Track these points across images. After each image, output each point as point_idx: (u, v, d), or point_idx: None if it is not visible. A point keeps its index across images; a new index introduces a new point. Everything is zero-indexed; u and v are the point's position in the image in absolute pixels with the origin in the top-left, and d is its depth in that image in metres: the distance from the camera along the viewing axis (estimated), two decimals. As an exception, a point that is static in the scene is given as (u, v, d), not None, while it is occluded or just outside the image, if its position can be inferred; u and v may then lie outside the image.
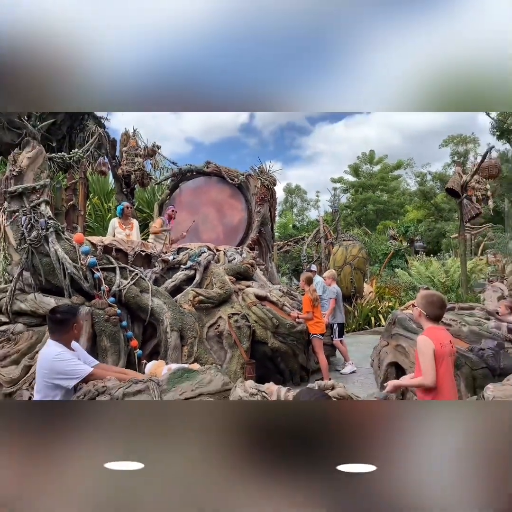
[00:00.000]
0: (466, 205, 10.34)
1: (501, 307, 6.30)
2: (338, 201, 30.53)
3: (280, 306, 6.85)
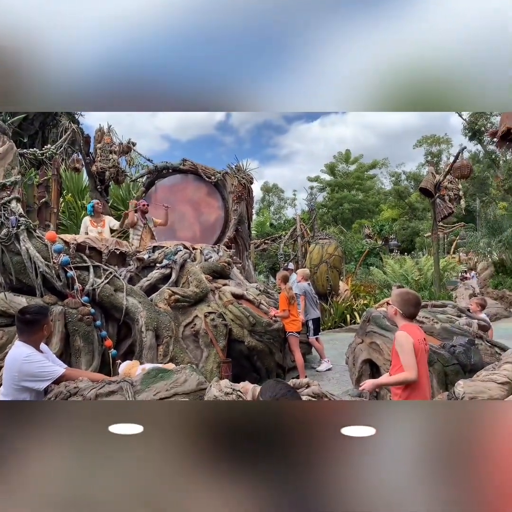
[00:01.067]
0: (439, 204, 10.56)
1: (472, 305, 6.46)
2: (315, 200, 30.73)
3: (256, 305, 6.84)
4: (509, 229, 19.84)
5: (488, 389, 2.71)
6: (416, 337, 3.05)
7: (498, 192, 23.71)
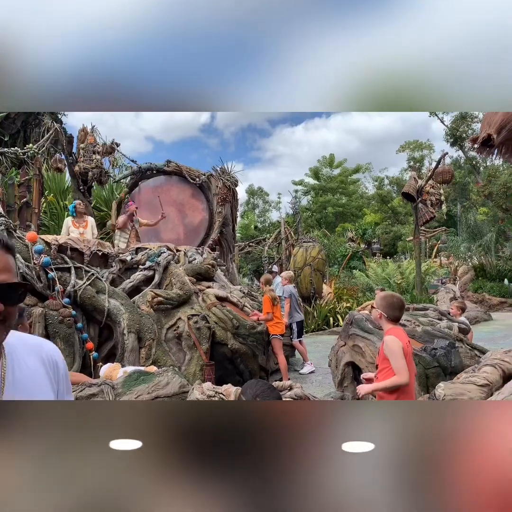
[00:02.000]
0: (421, 209, 10.71)
1: (453, 308, 6.55)
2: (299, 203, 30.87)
3: (240, 307, 6.83)
4: (489, 234, 20.24)
5: (468, 391, 2.75)
6: (404, 341, 3.08)
7: (478, 197, 24.15)
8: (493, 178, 20.81)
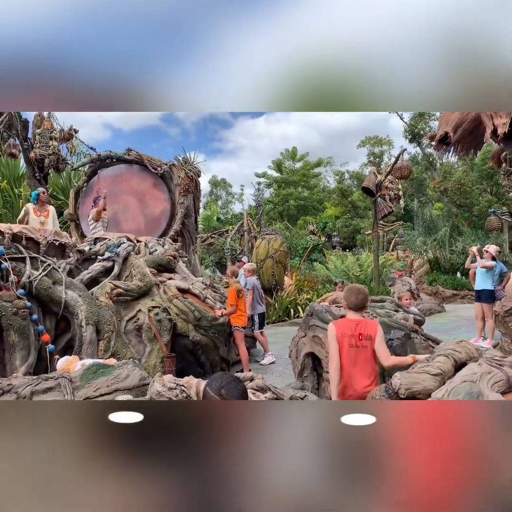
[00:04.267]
0: (379, 203, 10.97)
1: (402, 300, 6.78)
2: (262, 196, 30.91)
3: (202, 299, 6.79)
4: (443, 229, 20.99)
5: (422, 380, 2.85)
6: (341, 330, 3.24)
7: (434, 193, 24.98)
8: (448, 175, 21.59)
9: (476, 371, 2.78)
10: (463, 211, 20.82)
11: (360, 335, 3.26)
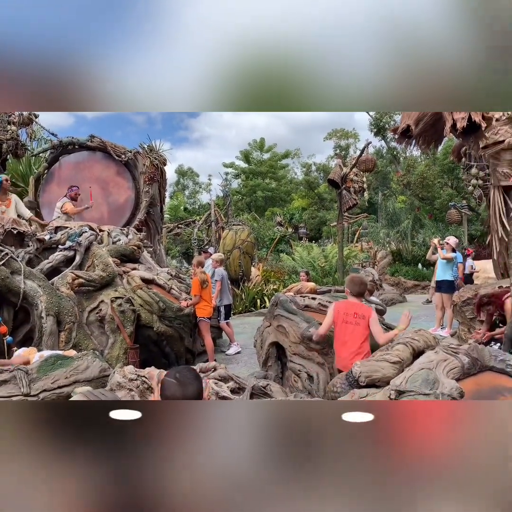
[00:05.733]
0: (344, 195, 11.08)
1: (366, 290, 6.91)
2: (230, 186, 30.74)
3: (167, 290, 6.72)
4: (406, 221, 21.51)
5: (382, 368, 2.92)
6: (337, 309, 3.99)
7: (398, 186, 25.50)
8: (411, 169, 22.05)
9: (433, 358, 2.86)
10: (425, 204, 21.36)
11: (355, 313, 3.91)
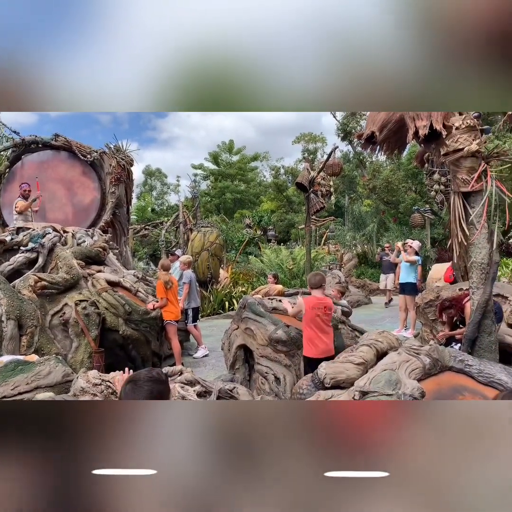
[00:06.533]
0: (312, 199, 11.20)
1: (333, 292, 7.01)
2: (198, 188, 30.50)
3: (134, 292, 6.63)
4: (371, 225, 21.97)
5: (346, 370, 2.97)
6: (309, 303, 4.45)
7: (364, 190, 26.00)
8: (377, 173, 22.53)
9: (396, 359, 2.93)
10: (390, 208, 21.84)
11: (325, 307, 4.44)
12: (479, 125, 4.38)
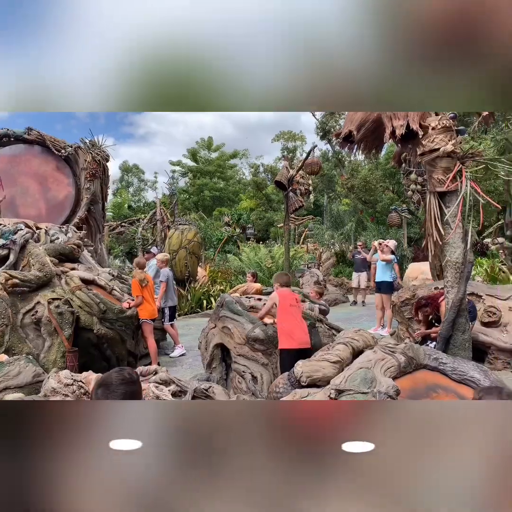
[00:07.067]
0: (291, 197, 11.23)
1: (312, 292, 7.05)
2: (176, 185, 30.32)
3: (108, 291, 6.53)
4: (349, 224, 22.20)
5: (323, 368, 2.98)
6: (281, 295, 4.65)
7: (342, 189, 26.22)
8: (355, 172, 22.78)
9: (371, 358, 2.96)
10: (368, 207, 22.10)
11: (296, 299, 4.74)
12: (455, 125, 4.46)
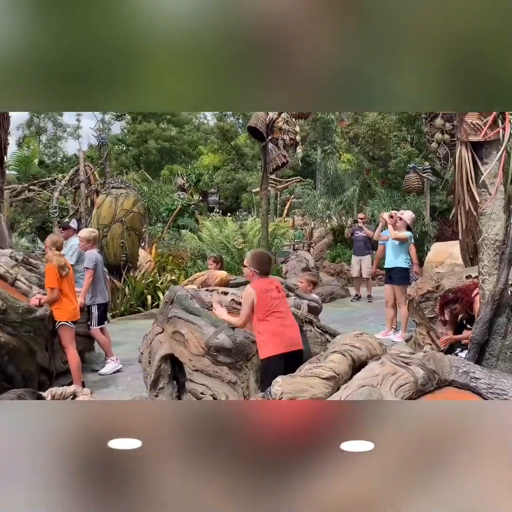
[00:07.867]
0: (271, 150, 11.09)
1: (302, 282, 7.08)
2: (108, 131, 29.86)
3: (10, 282, 6.54)
4: (351, 188, 22.16)
5: (311, 386, 3.00)
6: (259, 288, 4.69)
7: (342, 140, 26.19)
8: (360, 117, 22.65)
9: (378, 372, 3.00)
10: (377, 165, 22.15)
11: (277, 287, 4.83)
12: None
